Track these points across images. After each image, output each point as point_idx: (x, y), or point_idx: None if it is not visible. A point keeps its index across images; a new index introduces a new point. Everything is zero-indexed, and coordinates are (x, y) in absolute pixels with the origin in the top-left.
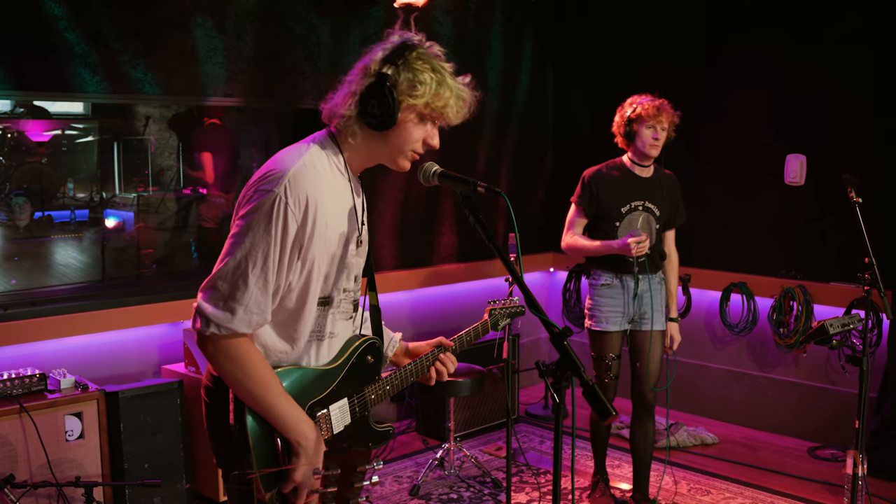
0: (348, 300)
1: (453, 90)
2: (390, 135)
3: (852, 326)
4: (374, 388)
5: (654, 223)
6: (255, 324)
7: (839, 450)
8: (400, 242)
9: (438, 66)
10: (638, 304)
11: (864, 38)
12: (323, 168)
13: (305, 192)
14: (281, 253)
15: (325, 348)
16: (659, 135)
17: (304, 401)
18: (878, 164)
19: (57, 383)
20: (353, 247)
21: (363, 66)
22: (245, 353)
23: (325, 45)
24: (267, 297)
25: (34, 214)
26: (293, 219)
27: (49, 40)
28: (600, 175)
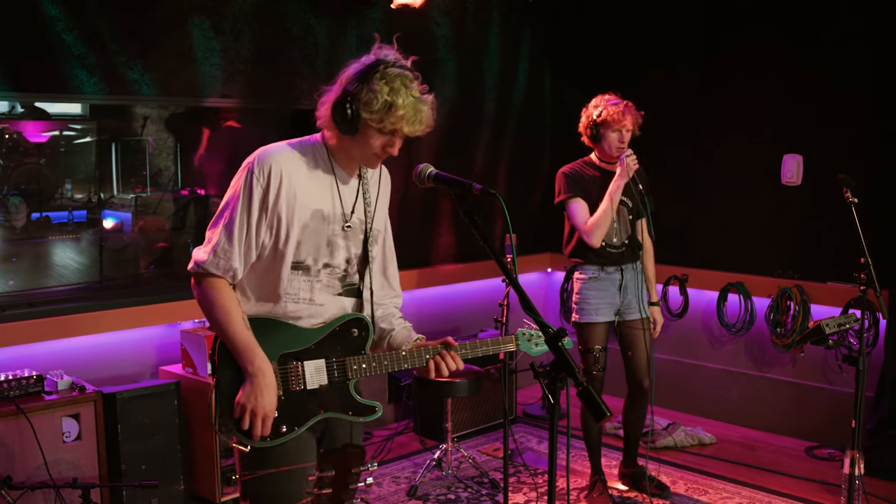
0: (333, 276)
1: (407, 108)
2: (355, 140)
3: (848, 326)
4: (357, 359)
5: (627, 214)
6: (223, 268)
7: (836, 449)
8: (398, 243)
9: (399, 85)
10: (623, 294)
11: (862, 38)
12: (300, 152)
13: (270, 164)
14: (248, 212)
15: (311, 313)
16: (624, 137)
17: (275, 348)
18: (874, 165)
19: (54, 385)
20: (336, 227)
21: (343, 77)
22: (214, 287)
23: (322, 46)
24: (233, 246)
25: (32, 215)
26: (258, 184)
27: (46, 41)
28: (575, 174)
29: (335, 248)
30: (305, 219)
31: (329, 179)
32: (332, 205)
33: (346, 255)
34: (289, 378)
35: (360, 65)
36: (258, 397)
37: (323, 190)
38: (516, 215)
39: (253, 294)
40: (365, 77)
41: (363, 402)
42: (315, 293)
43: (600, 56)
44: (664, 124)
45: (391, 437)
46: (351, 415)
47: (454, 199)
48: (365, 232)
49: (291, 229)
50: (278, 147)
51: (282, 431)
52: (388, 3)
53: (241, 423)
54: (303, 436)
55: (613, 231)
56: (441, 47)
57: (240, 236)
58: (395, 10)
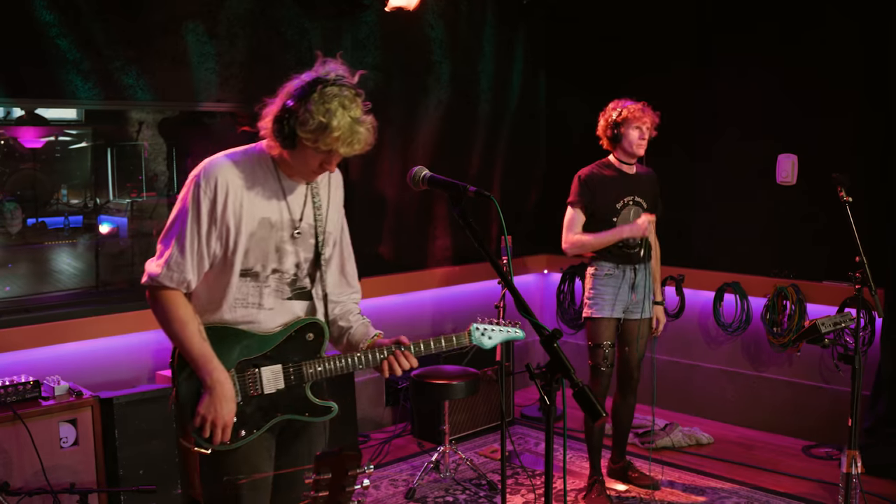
0: (282, 281)
1: (343, 130)
2: (293, 155)
3: (844, 325)
4: (312, 363)
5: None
6: (176, 280)
7: (834, 448)
8: (394, 245)
9: (336, 106)
10: (633, 293)
11: (854, 36)
12: (246, 162)
13: (216, 176)
14: (198, 224)
15: (262, 318)
16: (644, 134)
17: (232, 356)
18: (869, 163)
19: (51, 390)
20: (284, 234)
21: (284, 91)
22: (169, 300)
23: (316, 50)
24: (185, 259)
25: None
26: (205, 196)
27: (41, 47)
28: (595, 174)
29: (284, 254)
30: (253, 227)
31: (275, 187)
32: (280, 212)
33: (296, 260)
34: (247, 384)
35: (300, 81)
36: (217, 408)
37: (269, 198)
38: (512, 217)
39: (204, 300)
40: (303, 95)
41: (319, 404)
42: (264, 298)
43: (595, 58)
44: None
45: (389, 439)
46: (307, 416)
47: (449, 202)
48: (315, 236)
49: (239, 238)
50: (223, 158)
51: (241, 435)
52: (382, 6)
53: (202, 431)
54: (261, 438)
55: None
56: (435, 50)
57: (191, 248)
58: (389, 12)
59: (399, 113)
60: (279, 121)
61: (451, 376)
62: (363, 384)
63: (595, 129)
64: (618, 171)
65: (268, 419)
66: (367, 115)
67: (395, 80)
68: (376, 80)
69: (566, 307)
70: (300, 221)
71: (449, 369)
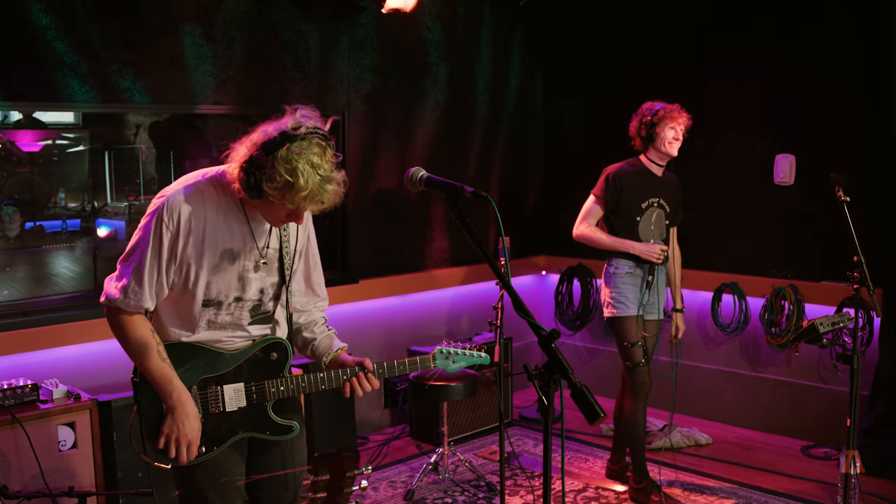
0: (245, 308)
1: (311, 188)
2: (260, 204)
3: (842, 325)
4: (275, 381)
5: (665, 219)
6: (133, 306)
7: (833, 448)
8: (391, 247)
9: (303, 165)
10: (647, 294)
11: (852, 37)
12: (211, 192)
13: (179, 210)
14: (158, 257)
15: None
16: (679, 135)
17: (195, 373)
18: (866, 163)
19: (49, 393)
20: (248, 264)
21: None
22: (127, 323)
23: (314, 52)
24: (143, 288)
25: (25, 225)
26: (167, 231)
27: (38, 50)
28: (624, 172)
29: (247, 283)
30: (214, 260)
31: (239, 217)
32: (244, 242)
33: (260, 286)
34: (208, 401)
35: (266, 135)
36: (180, 427)
37: (233, 229)
38: (510, 218)
39: (168, 322)
40: (270, 150)
41: (280, 423)
42: (226, 324)
43: (592, 59)
44: None
45: (387, 441)
46: (269, 434)
47: (446, 203)
48: (281, 259)
49: (200, 272)
50: (187, 189)
51: (201, 452)
52: (379, 7)
53: (168, 451)
54: (228, 453)
55: (651, 233)
56: (432, 52)
57: (150, 279)
58: (386, 14)
59: (396, 115)
60: (245, 172)
61: (449, 378)
62: None
63: (592, 130)
64: (647, 171)
65: (230, 436)
66: (336, 172)
67: (392, 82)
68: (373, 82)
69: (564, 308)
70: (266, 248)
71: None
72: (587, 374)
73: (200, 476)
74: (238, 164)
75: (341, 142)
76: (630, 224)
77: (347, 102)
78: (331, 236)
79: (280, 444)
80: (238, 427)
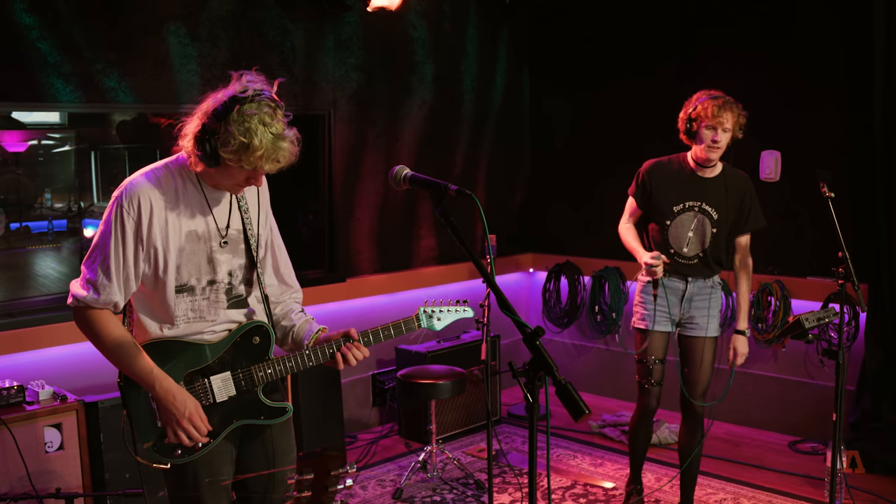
0: (219, 291)
1: (265, 147)
2: (218, 171)
3: (828, 320)
4: (262, 365)
5: (711, 227)
6: (103, 301)
7: (819, 443)
8: (378, 246)
9: (255, 125)
10: (686, 307)
11: (836, 32)
12: (168, 177)
13: (139, 196)
14: (123, 246)
15: (203, 328)
16: (719, 136)
17: (179, 369)
18: (852, 159)
19: (35, 395)
20: (213, 244)
21: (202, 110)
22: (98, 320)
23: (299, 51)
24: (111, 282)
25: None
26: (129, 217)
27: (21, 50)
28: (657, 169)
29: (216, 264)
30: (180, 242)
31: (199, 199)
32: (206, 223)
33: (229, 268)
34: (197, 395)
35: (216, 101)
36: (172, 409)
37: (194, 211)
38: (497, 216)
39: (147, 320)
40: (221, 115)
41: (274, 405)
42: (203, 311)
43: (578, 57)
44: (642, 123)
45: (376, 440)
46: (263, 419)
47: (431, 201)
48: (246, 241)
49: (168, 255)
50: (144, 176)
51: (198, 446)
52: (364, 6)
53: (180, 440)
54: (220, 446)
55: (686, 240)
56: (418, 50)
57: (117, 271)
58: (371, 13)
59: (382, 113)
60: (200, 141)
61: (437, 376)
62: (350, 385)
63: (579, 127)
64: (688, 170)
65: (224, 426)
66: (289, 130)
67: (378, 81)
68: (359, 80)
69: (552, 305)
70: (227, 229)
71: (435, 369)
72: (575, 372)
73: (194, 476)
74: (192, 135)
75: (327, 140)
76: (661, 227)
77: (333, 101)
78: (318, 235)
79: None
80: (232, 416)
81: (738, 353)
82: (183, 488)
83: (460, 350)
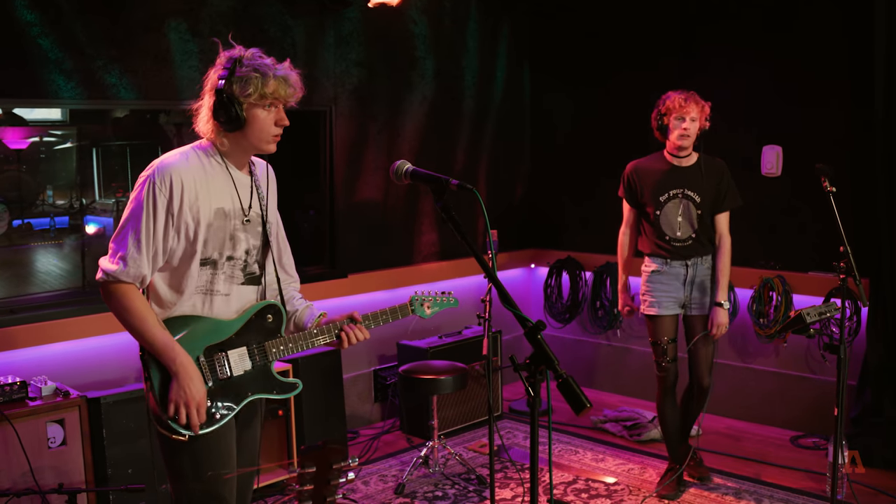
0: (237, 267)
1: (277, 77)
2: (248, 130)
3: (829, 315)
4: (275, 342)
5: (695, 209)
6: (133, 275)
7: (821, 438)
8: (380, 242)
9: (260, 64)
10: (689, 289)
11: (838, 27)
12: (196, 159)
13: (170, 174)
14: (154, 221)
15: (219, 304)
16: (687, 125)
17: (199, 343)
18: (853, 154)
19: (38, 391)
20: (237, 222)
21: (208, 88)
22: (125, 294)
23: (300, 47)
24: (141, 254)
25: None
26: (161, 194)
27: (22, 47)
28: (639, 167)
29: (237, 242)
30: (210, 218)
31: (225, 178)
32: (232, 201)
33: (246, 247)
34: (216, 368)
35: (217, 72)
36: (186, 390)
37: (222, 189)
38: (498, 212)
39: (163, 295)
40: (230, 73)
41: (285, 381)
42: (220, 284)
43: (579, 52)
44: (644, 119)
45: (378, 435)
46: (276, 393)
47: (432, 196)
48: (262, 223)
49: (199, 229)
50: (175, 157)
51: (216, 418)
52: (364, 2)
53: (178, 418)
54: (229, 424)
55: (677, 224)
56: (419, 46)
57: (147, 244)
58: (372, 8)
59: (383, 109)
60: (221, 106)
61: (439, 371)
62: (351, 381)
63: (580, 122)
64: (666, 163)
65: (240, 400)
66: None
67: (379, 77)
68: (360, 76)
69: (553, 301)
70: (249, 210)
71: (437, 364)
72: (576, 368)
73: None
74: (209, 110)
75: (328, 136)
76: (650, 218)
77: (334, 97)
78: (319, 231)
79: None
80: (247, 390)
81: (716, 323)
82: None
83: (462, 345)
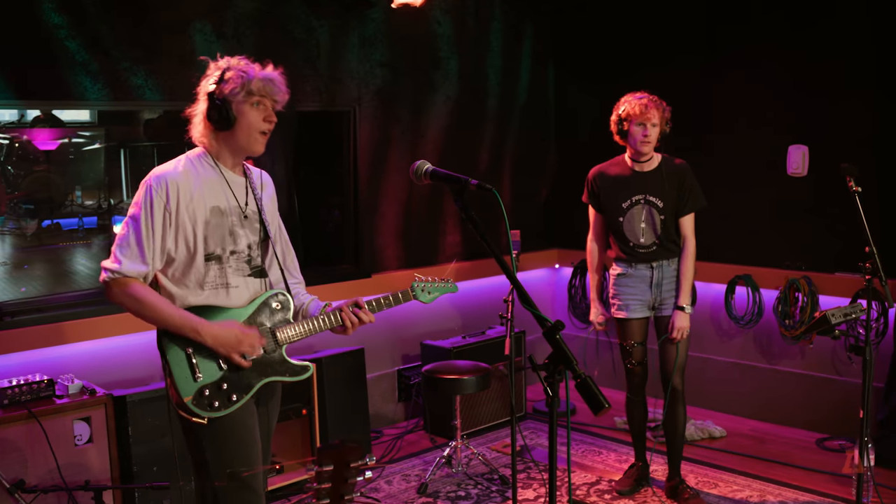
0: (241, 260)
1: (261, 77)
2: (237, 128)
3: (855, 316)
4: (284, 328)
5: (658, 215)
6: (135, 271)
7: (847, 441)
8: (403, 242)
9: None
10: (657, 290)
11: (865, 26)
12: (189, 164)
13: (166, 179)
14: (153, 221)
15: (233, 295)
16: (649, 131)
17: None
18: (880, 153)
19: (65, 389)
20: (234, 219)
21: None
22: (133, 287)
23: (324, 48)
24: (143, 253)
25: (42, 223)
26: (158, 199)
27: (50, 49)
28: (600, 173)
29: (237, 237)
30: (206, 216)
31: (219, 179)
32: (227, 200)
33: (248, 241)
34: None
35: (207, 80)
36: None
37: (215, 189)
38: (523, 212)
39: (177, 293)
40: (219, 79)
41: (297, 364)
42: (229, 277)
43: (602, 50)
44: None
45: (401, 435)
46: (288, 376)
47: (452, 196)
48: (260, 220)
49: (197, 228)
50: (168, 165)
51: (233, 400)
52: (388, 3)
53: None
54: (248, 404)
55: (640, 231)
56: (443, 46)
57: (147, 244)
58: (395, 9)
59: (407, 109)
60: (211, 108)
61: (462, 371)
62: (375, 380)
63: (605, 122)
64: (628, 168)
65: (255, 383)
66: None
67: (402, 77)
68: (384, 76)
69: (577, 301)
70: (246, 207)
71: (460, 364)
72: (601, 368)
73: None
74: (202, 114)
75: (352, 136)
76: (615, 226)
77: (358, 98)
78: (343, 231)
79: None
80: (262, 374)
81: (676, 327)
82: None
83: (485, 345)
